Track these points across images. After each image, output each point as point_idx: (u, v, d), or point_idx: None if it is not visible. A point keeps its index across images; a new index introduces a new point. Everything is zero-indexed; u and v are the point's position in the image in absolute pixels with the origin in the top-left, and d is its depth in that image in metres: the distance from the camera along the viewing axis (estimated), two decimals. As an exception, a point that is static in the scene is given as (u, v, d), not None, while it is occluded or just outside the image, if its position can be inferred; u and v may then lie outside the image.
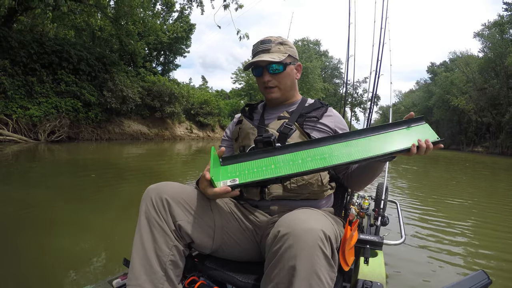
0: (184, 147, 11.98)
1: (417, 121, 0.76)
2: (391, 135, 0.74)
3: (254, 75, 0.95)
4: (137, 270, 0.67)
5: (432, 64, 34.04)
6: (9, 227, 2.04)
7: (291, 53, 0.93)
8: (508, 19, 19.21)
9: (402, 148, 0.69)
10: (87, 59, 11.42)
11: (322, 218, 0.70)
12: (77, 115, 10.70)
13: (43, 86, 9.98)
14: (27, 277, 1.40)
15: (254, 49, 0.94)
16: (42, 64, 10.11)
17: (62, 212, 2.52)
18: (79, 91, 10.79)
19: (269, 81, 0.91)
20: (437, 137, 0.72)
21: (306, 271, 0.55)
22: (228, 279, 0.74)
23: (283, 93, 0.94)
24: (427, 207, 3.25)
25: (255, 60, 0.89)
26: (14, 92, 8.93)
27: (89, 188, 3.43)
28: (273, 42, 0.91)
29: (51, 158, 6.53)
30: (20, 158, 6.03)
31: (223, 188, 0.66)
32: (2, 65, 8.71)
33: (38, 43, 10.00)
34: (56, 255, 1.66)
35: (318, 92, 26.90)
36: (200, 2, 9.04)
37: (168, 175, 5.02)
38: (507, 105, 19.00)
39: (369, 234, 0.98)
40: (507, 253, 2.00)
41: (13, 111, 8.84)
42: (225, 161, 0.75)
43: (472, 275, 0.64)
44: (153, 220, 0.70)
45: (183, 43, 20.81)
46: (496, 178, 6.95)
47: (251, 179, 0.68)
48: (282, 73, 0.91)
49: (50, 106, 9.90)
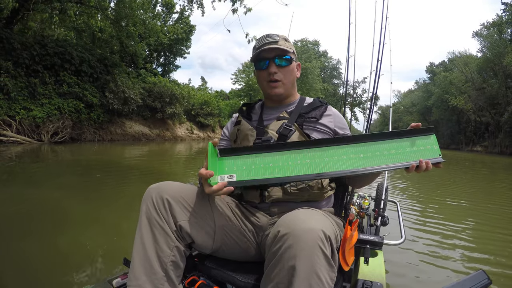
0: (185, 148, 11.98)
1: (425, 132, 0.72)
2: (395, 146, 0.71)
3: (257, 69, 0.92)
4: (137, 270, 0.66)
5: (431, 64, 33.95)
6: (17, 225, 2.05)
7: (294, 50, 0.93)
8: (506, 19, 19.17)
9: (402, 165, 0.68)
10: (89, 60, 11.44)
11: (322, 218, 0.69)
12: (80, 116, 10.72)
13: (45, 88, 10.00)
14: (27, 277, 1.39)
15: (259, 42, 0.91)
16: (45, 66, 10.13)
17: (73, 210, 2.54)
18: (81, 93, 10.81)
19: (275, 73, 0.88)
20: (439, 153, 0.70)
21: (306, 271, 0.55)
22: (228, 279, 0.74)
23: (286, 89, 0.92)
24: (427, 207, 3.24)
25: (265, 48, 0.87)
26: (17, 93, 8.95)
27: (97, 188, 3.46)
28: (279, 36, 0.91)
29: (56, 159, 6.54)
30: (25, 159, 6.05)
31: (220, 184, 0.66)
32: (5, 66, 8.73)
33: (40, 44, 10.02)
34: (57, 254, 1.65)
35: (317, 93, 26.89)
36: (200, 4, 9.04)
37: (173, 174, 5.06)
38: (506, 104, 18.94)
39: (369, 234, 0.98)
40: (507, 253, 1.99)
41: (17, 113, 8.86)
42: (222, 154, 0.72)
43: (472, 275, 0.64)
44: (154, 220, 0.69)
45: (183, 44, 20.83)
46: (496, 178, 6.91)
47: (249, 177, 0.67)
48: (288, 66, 0.90)
49: (53, 107, 9.92)
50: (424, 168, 0.68)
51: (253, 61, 0.92)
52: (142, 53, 16.12)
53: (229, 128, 1.02)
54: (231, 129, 1.01)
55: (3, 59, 8.83)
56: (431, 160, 0.68)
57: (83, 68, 11.19)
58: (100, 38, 13.88)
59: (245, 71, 26.74)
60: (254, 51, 0.91)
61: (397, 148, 0.71)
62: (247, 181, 0.67)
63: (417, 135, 0.72)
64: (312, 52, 31.35)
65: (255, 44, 0.93)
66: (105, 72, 12.27)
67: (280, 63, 0.88)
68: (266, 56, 0.88)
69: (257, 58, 0.90)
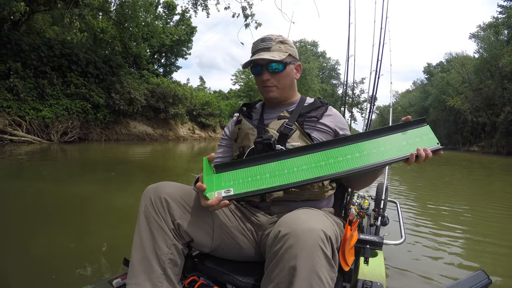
0: (188, 147, 12.04)
1: (418, 123, 0.71)
2: (390, 140, 0.69)
3: (253, 74, 0.91)
4: (136, 269, 0.65)
5: (429, 64, 33.76)
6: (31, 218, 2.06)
7: (291, 52, 0.89)
8: (502, 21, 19.00)
9: (401, 157, 0.66)
10: (95, 62, 11.47)
11: (322, 219, 0.68)
12: (86, 116, 10.78)
13: (53, 89, 10.05)
14: (28, 276, 1.38)
15: (254, 46, 0.89)
16: (52, 67, 10.17)
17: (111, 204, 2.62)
18: (88, 93, 10.86)
19: (267, 80, 0.87)
20: (437, 141, 0.68)
21: (307, 271, 0.54)
22: (228, 279, 0.72)
23: (282, 93, 0.90)
24: (428, 207, 3.19)
25: (255, 58, 0.85)
26: (26, 94, 9.00)
27: (113, 186, 3.52)
28: (274, 40, 0.87)
29: (69, 158, 6.61)
30: (42, 157, 6.14)
31: (215, 199, 0.63)
32: (15, 68, 8.78)
33: (47, 46, 10.06)
34: (59, 252, 1.64)
35: (316, 93, 26.76)
36: (205, 6, 9.01)
37: (188, 171, 5.11)
38: (502, 105, 18.81)
39: (369, 234, 0.96)
40: (507, 253, 1.96)
41: (26, 113, 8.91)
42: (218, 169, 0.70)
43: (472, 275, 0.62)
44: (152, 219, 0.68)
45: (185, 45, 20.78)
46: (495, 178, 6.80)
47: (246, 189, 0.65)
48: (281, 72, 0.87)
49: (61, 108, 9.97)
50: (424, 156, 0.66)
51: (248, 66, 0.91)
52: (145, 54, 16.09)
53: (230, 128, 1.00)
54: (232, 128, 0.99)
55: (12, 60, 8.87)
56: (430, 149, 0.66)
57: (89, 69, 11.22)
58: (102, 38, 13.83)
59: (244, 72, 26.62)
60: (251, 54, 0.90)
61: (392, 143, 0.69)
62: (244, 193, 0.65)
63: (411, 127, 0.70)
64: (311, 53, 31.17)
65: (252, 45, 0.91)
66: (111, 73, 12.29)
67: (273, 70, 0.86)
68: (259, 63, 0.87)
69: (251, 63, 0.88)
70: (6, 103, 8.36)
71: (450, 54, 27.48)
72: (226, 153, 0.98)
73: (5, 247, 1.65)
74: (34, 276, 1.37)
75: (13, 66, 8.74)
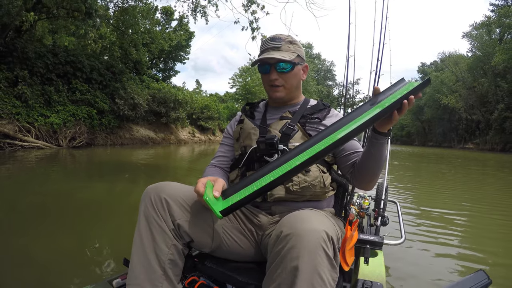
0: (190, 150, 12.08)
1: (397, 84, 0.64)
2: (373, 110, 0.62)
3: (260, 72, 0.89)
4: (136, 269, 0.65)
5: (423, 64, 33.77)
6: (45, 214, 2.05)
7: (299, 53, 0.88)
8: (494, 20, 18.97)
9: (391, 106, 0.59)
10: (98, 68, 11.52)
11: (324, 219, 0.67)
12: (92, 121, 10.82)
13: (60, 95, 10.08)
14: (27, 276, 1.36)
15: (263, 45, 0.88)
16: (58, 74, 10.21)
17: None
18: (92, 99, 10.90)
19: (275, 80, 0.86)
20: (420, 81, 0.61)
21: (309, 271, 0.53)
22: (228, 279, 0.71)
23: (288, 93, 0.89)
24: (428, 207, 3.12)
25: (264, 56, 0.84)
26: (34, 101, 9.04)
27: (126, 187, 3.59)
28: (284, 40, 0.86)
29: (81, 162, 6.63)
30: (45, 162, 6.13)
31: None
32: (22, 75, 8.82)
33: (53, 53, 10.11)
34: (60, 253, 1.62)
35: (312, 95, 26.65)
36: (204, 13, 9.04)
37: (195, 171, 5.16)
38: (496, 102, 18.78)
39: (369, 234, 0.95)
40: (507, 253, 1.92)
41: (35, 119, 8.95)
42: (225, 195, 0.65)
43: (472, 275, 0.62)
44: (152, 220, 0.67)
45: (183, 50, 20.79)
46: (495, 177, 6.73)
47: (240, 197, 0.61)
48: (289, 72, 0.86)
49: (68, 114, 10.01)
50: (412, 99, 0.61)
51: (257, 64, 0.89)
52: (145, 60, 16.08)
53: (233, 127, 0.99)
54: (234, 127, 0.98)
55: (19, 68, 8.91)
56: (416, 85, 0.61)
57: (93, 76, 11.26)
58: (101, 44, 13.79)
59: (242, 76, 26.46)
60: (259, 52, 0.89)
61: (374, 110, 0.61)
62: (244, 198, 0.62)
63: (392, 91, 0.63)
64: (306, 55, 31.10)
65: (261, 44, 0.90)
66: (114, 80, 12.33)
67: (282, 70, 0.85)
68: (268, 62, 0.85)
69: (260, 61, 0.87)
70: (15, 110, 8.40)
71: (444, 53, 27.50)
72: (228, 152, 0.97)
73: (7, 247, 1.64)
74: (34, 276, 1.35)
75: (20, 74, 8.78)
